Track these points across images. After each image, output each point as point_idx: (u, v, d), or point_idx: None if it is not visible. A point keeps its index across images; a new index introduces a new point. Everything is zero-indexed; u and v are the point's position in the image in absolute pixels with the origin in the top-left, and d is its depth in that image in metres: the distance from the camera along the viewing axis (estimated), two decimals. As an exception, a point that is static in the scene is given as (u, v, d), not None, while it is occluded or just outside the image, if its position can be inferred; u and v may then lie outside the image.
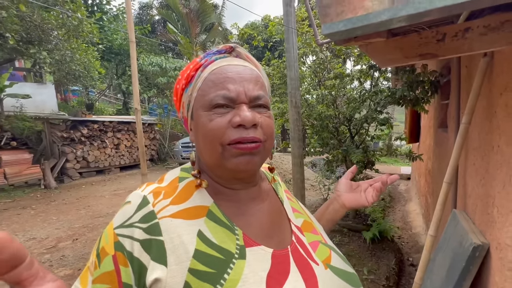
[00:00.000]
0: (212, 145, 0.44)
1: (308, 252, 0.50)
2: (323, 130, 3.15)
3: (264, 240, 0.47)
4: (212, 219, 0.45)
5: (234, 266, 0.40)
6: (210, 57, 0.49)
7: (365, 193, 0.68)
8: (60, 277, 2.73)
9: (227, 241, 0.43)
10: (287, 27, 2.46)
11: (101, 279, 0.39)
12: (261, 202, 0.53)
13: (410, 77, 2.58)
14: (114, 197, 5.74)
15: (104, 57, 9.65)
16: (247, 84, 0.46)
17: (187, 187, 0.48)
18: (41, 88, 9.10)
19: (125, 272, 0.39)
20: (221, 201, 0.49)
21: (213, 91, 0.45)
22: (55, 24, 5.43)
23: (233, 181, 0.50)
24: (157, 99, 9.87)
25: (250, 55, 0.52)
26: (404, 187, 6.32)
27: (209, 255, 0.40)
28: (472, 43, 1.16)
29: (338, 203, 0.70)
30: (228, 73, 0.46)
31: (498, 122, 1.25)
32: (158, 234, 0.40)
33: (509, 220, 1.14)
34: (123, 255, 0.39)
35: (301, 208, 0.62)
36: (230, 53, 0.50)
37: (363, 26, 0.66)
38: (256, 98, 0.46)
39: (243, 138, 0.43)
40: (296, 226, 0.54)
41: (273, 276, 0.42)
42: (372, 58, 1.40)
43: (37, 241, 3.66)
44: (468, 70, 1.77)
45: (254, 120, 0.44)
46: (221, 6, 14.25)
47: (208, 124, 0.44)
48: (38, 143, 7.42)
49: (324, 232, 0.59)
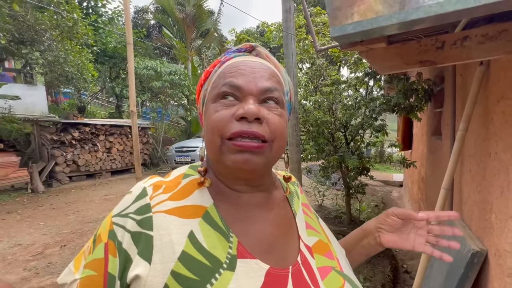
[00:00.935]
0: (213, 137, 0.42)
1: (313, 278, 0.43)
2: (319, 136, 3.16)
3: (262, 254, 0.42)
4: (208, 222, 0.41)
5: (220, 276, 0.36)
6: (230, 55, 0.48)
7: (416, 237, 0.56)
8: (47, 286, 2.63)
9: (219, 247, 0.39)
10: (286, 33, 2.49)
11: (91, 265, 0.39)
12: (268, 211, 0.48)
13: (405, 85, 2.63)
14: (104, 202, 5.59)
15: (98, 59, 9.53)
16: (259, 77, 0.44)
17: (189, 184, 0.46)
18: (32, 89, 8.89)
19: (112, 262, 0.37)
20: (222, 202, 0.45)
21: (222, 81, 0.44)
22: (49, 25, 5.35)
23: (236, 181, 0.46)
24: (151, 103, 9.78)
25: (270, 55, 0.50)
26: (396, 194, 6.39)
27: (195, 259, 0.37)
28: (471, 52, 1.18)
29: (376, 240, 0.59)
30: (240, 66, 0.45)
31: (495, 129, 1.27)
32: (149, 229, 0.38)
33: (508, 226, 1.15)
34: (114, 244, 0.38)
35: (319, 226, 0.55)
36: (250, 52, 0.49)
37: (372, 29, 0.66)
38: (266, 90, 0.43)
39: (244, 131, 0.40)
40: (305, 245, 0.48)
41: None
42: (373, 64, 1.41)
43: (22, 248, 3.51)
44: (463, 78, 1.82)
45: (258, 113, 0.40)
46: (217, 13, 14.39)
47: (212, 116, 0.42)
48: (26, 145, 7.22)
49: (344, 258, 0.52)
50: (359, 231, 0.63)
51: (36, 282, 2.70)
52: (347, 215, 3.73)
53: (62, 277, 0.41)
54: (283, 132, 0.44)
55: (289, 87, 0.51)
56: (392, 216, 0.57)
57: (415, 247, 0.56)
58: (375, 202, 5.32)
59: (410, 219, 0.56)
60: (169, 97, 9.26)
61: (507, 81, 1.19)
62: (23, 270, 2.95)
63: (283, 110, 0.46)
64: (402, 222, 0.57)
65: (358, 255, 0.61)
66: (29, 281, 2.73)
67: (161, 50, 16.74)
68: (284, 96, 0.48)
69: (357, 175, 3.33)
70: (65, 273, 0.42)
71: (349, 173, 3.44)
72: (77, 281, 0.39)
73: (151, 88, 8.85)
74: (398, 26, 0.67)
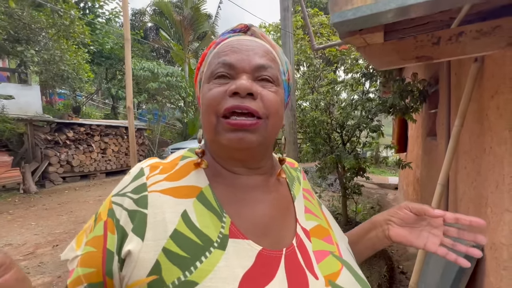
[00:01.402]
0: (208, 116, 0.42)
1: (308, 261, 0.42)
2: (316, 136, 3.17)
3: (256, 235, 0.41)
4: (202, 202, 0.42)
5: (210, 255, 0.36)
6: (224, 36, 0.48)
7: (429, 236, 0.52)
8: (38, 285, 2.57)
9: (211, 226, 0.39)
10: (284, 31, 2.51)
11: (91, 242, 0.40)
12: (265, 194, 0.47)
13: (400, 86, 2.66)
14: (98, 203, 5.52)
15: (94, 60, 9.49)
16: (252, 54, 0.43)
17: (186, 165, 0.46)
18: (26, 89, 8.80)
19: (111, 239, 0.38)
20: (218, 184, 0.45)
21: (215, 61, 0.44)
22: (45, 23, 5.31)
23: (233, 162, 0.46)
24: (147, 105, 9.74)
25: (266, 35, 0.50)
26: (392, 196, 6.42)
27: (187, 237, 0.37)
28: (465, 47, 1.20)
29: (384, 232, 0.56)
30: (234, 44, 0.45)
31: (490, 124, 1.29)
32: (144, 207, 0.40)
33: (503, 219, 1.16)
34: (112, 221, 0.39)
35: (320, 211, 0.55)
36: (245, 32, 0.49)
37: (371, 15, 0.67)
38: (260, 67, 0.43)
39: (236, 106, 0.40)
40: (303, 228, 0.47)
41: (252, 277, 0.36)
42: (370, 60, 1.43)
43: (13, 247, 3.44)
44: (457, 77, 1.85)
45: (250, 88, 0.40)
46: (214, 16, 14.47)
47: (206, 94, 0.43)
48: (19, 145, 7.12)
49: (345, 245, 0.51)
50: (367, 223, 0.60)
51: (26, 282, 2.64)
52: (343, 216, 3.73)
53: (65, 253, 0.43)
54: (278, 109, 0.44)
55: (286, 67, 0.50)
56: (405, 209, 0.54)
57: (427, 246, 0.52)
58: (370, 204, 5.33)
59: (425, 215, 0.52)
60: (165, 99, 9.23)
61: (501, 76, 1.21)
62: (13, 270, 2.88)
63: (278, 88, 0.45)
64: (416, 217, 0.53)
65: (364, 248, 0.58)
66: (19, 281, 2.67)
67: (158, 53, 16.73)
68: (281, 75, 0.47)
69: (354, 176, 3.34)
70: (67, 249, 0.43)
71: (345, 173, 3.45)
72: (78, 257, 0.40)
73: (147, 90, 8.81)
74: (396, 12, 0.68)
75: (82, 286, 0.38)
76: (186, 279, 0.34)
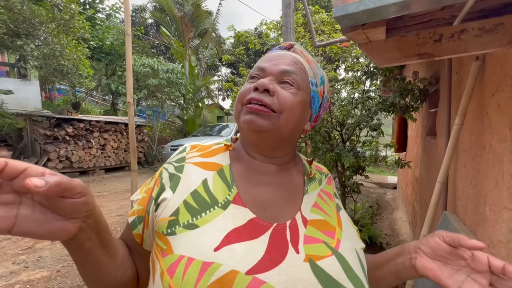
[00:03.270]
0: (237, 105, 0.54)
1: (295, 240, 0.46)
2: (316, 134, 3.17)
3: (255, 208, 0.49)
4: (220, 175, 0.53)
5: (213, 210, 0.47)
6: (271, 51, 0.60)
7: (467, 280, 0.43)
8: (36, 279, 2.58)
9: (220, 192, 0.50)
10: (285, 28, 2.51)
11: (146, 190, 0.55)
12: (274, 180, 0.54)
13: (401, 85, 2.66)
14: (97, 199, 5.49)
15: (94, 56, 9.45)
16: (282, 62, 0.54)
17: (217, 149, 0.59)
18: (25, 84, 8.77)
19: (155, 190, 0.53)
20: (237, 164, 0.56)
21: (255, 67, 0.56)
22: (45, 17, 5.28)
23: (251, 146, 0.56)
24: (147, 102, 9.71)
25: (306, 52, 0.60)
26: (390, 195, 6.44)
27: (201, 196, 0.49)
28: (467, 44, 1.20)
29: (411, 261, 0.49)
30: (272, 55, 0.56)
31: (491, 122, 1.29)
32: (180, 172, 0.54)
33: (502, 217, 1.16)
34: (159, 179, 0.54)
35: (335, 213, 0.55)
36: (289, 49, 0.59)
37: (374, 9, 0.67)
38: (284, 71, 0.52)
39: (253, 98, 0.50)
40: (302, 216, 0.51)
41: (238, 232, 0.45)
42: (371, 57, 1.43)
43: (12, 242, 3.43)
44: (458, 76, 1.85)
45: (266, 85, 0.49)
46: (215, 13, 14.41)
47: (240, 90, 0.55)
48: (18, 140, 7.11)
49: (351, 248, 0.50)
50: (398, 247, 0.55)
51: (25, 276, 2.65)
52: (342, 214, 3.74)
53: (134, 196, 0.58)
54: (292, 107, 0.51)
55: (321, 80, 0.59)
56: (437, 238, 0.47)
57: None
58: (369, 203, 5.35)
59: (460, 245, 0.43)
60: (165, 96, 9.20)
61: (503, 74, 1.21)
62: (12, 263, 2.88)
63: (298, 91, 0.53)
64: (450, 249, 0.45)
65: (388, 273, 0.53)
66: (18, 274, 2.67)
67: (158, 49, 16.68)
68: (308, 84, 0.55)
69: (353, 174, 3.35)
70: (135, 194, 0.58)
71: (344, 172, 3.45)
72: (139, 199, 0.55)
73: (147, 86, 8.79)
74: (399, 6, 0.68)
75: (134, 216, 0.54)
76: (191, 222, 0.46)
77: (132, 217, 0.54)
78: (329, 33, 3.38)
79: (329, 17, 3.66)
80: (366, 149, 3.89)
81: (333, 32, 3.34)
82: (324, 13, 3.62)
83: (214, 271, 0.40)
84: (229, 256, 0.42)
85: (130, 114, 2.11)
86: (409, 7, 0.71)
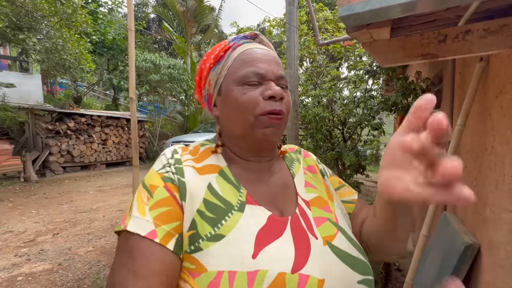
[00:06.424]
0: (244, 115, 0.50)
1: (309, 225, 0.50)
2: (317, 132, 3.18)
3: (266, 205, 0.50)
4: (223, 177, 0.51)
5: (232, 215, 0.46)
6: (238, 41, 0.56)
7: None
8: (38, 272, 2.60)
9: (231, 195, 0.48)
10: (289, 25, 2.49)
11: (158, 204, 0.45)
12: (271, 175, 0.56)
13: (404, 85, 2.66)
14: (98, 193, 5.54)
15: (96, 50, 9.42)
16: (273, 65, 0.54)
17: (206, 151, 0.56)
18: (27, 78, 8.78)
19: (178, 195, 0.46)
20: (233, 166, 0.55)
21: (244, 68, 0.52)
22: (48, 11, 5.26)
23: (253, 152, 0.55)
24: (149, 97, 9.70)
25: (270, 43, 0.62)
26: (390, 195, 6.44)
27: (213, 203, 0.46)
28: (472, 46, 1.19)
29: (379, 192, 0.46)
30: (257, 54, 0.54)
31: (493, 124, 1.29)
32: (182, 176, 0.48)
33: (502, 218, 1.17)
34: (172, 184, 0.47)
35: (322, 184, 0.62)
36: (254, 39, 0.59)
37: (380, 9, 0.67)
38: (281, 77, 0.54)
39: (275, 109, 0.50)
40: (303, 200, 0.55)
41: (265, 233, 0.45)
42: (375, 56, 1.42)
43: (14, 234, 3.47)
44: (462, 76, 1.84)
45: (282, 94, 0.51)
46: (218, 9, 14.33)
47: (241, 97, 0.50)
48: (20, 134, 7.13)
49: (342, 214, 0.57)
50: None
51: (27, 268, 2.68)
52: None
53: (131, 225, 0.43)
54: (290, 110, 0.56)
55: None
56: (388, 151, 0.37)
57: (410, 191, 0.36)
58: (369, 202, 5.36)
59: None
60: (167, 91, 9.19)
61: (506, 76, 1.21)
62: (14, 256, 2.92)
63: (288, 92, 0.57)
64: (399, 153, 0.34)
65: (383, 220, 0.49)
66: (20, 266, 2.70)
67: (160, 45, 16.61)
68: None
69: (354, 173, 3.36)
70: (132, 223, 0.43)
71: (345, 170, 3.46)
72: (151, 220, 0.43)
73: (149, 81, 8.77)
74: (404, 7, 0.68)
75: (174, 238, 0.44)
76: (215, 233, 0.43)
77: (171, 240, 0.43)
78: (332, 32, 3.36)
79: (332, 15, 3.64)
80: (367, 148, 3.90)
81: (337, 31, 3.32)
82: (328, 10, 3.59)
83: (263, 279, 0.39)
84: (269, 260, 0.41)
85: (133, 109, 2.11)
86: (415, 8, 0.71)
